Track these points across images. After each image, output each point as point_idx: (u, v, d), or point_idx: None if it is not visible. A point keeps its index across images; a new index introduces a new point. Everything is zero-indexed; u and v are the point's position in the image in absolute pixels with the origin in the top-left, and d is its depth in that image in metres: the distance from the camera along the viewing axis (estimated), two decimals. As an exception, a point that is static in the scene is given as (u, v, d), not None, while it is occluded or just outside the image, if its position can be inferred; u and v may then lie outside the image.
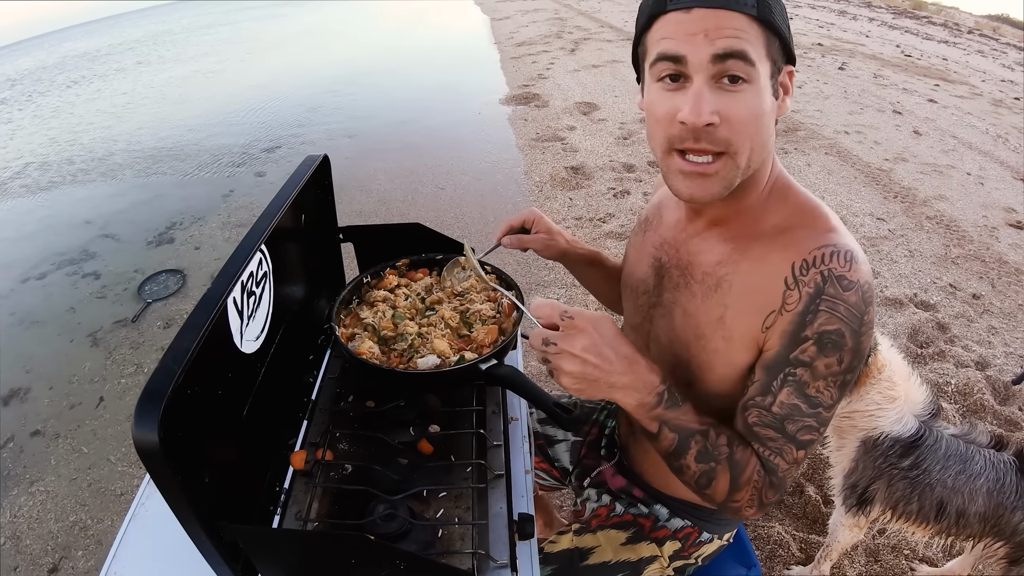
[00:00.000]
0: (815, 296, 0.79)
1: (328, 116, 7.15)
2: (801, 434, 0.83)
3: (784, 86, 0.84)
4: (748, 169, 0.84)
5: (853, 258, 0.80)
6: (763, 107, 0.79)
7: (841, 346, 0.79)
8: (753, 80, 0.77)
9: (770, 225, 0.88)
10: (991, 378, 2.83)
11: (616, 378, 0.80)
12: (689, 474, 0.86)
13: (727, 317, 0.89)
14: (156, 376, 0.67)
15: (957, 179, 5.00)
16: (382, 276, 1.32)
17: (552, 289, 3.57)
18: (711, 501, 0.88)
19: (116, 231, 4.68)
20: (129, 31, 15.25)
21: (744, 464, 0.84)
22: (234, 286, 0.85)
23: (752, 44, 0.76)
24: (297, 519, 0.95)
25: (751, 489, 0.84)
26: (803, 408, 0.82)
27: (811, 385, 0.81)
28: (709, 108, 0.77)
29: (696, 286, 0.94)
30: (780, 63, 0.81)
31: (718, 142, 0.79)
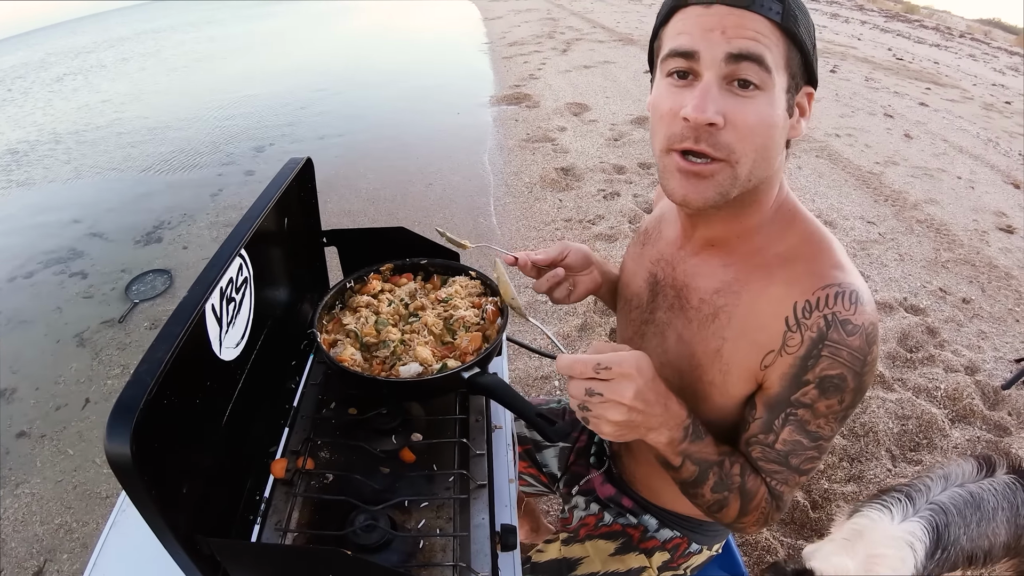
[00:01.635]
0: (817, 341, 0.78)
1: (318, 114, 7.12)
2: (804, 464, 0.85)
3: (801, 107, 0.81)
4: (748, 182, 0.79)
5: (858, 299, 0.77)
6: (773, 118, 0.76)
7: (843, 388, 0.79)
8: (767, 88, 0.74)
9: (773, 253, 0.85)
10: (981, 383, 2.83)
11: (655, 420, 0.79)
12: (703, 501, 0.88)
13: (724, 350, 0.87)
14: (129, 388, 0.66)
15: (948, 183, 5.02)
16: (366, 281, 1.31)
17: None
18: (721, 521, 0.91)
19: (104, 230, 4.64)
20: (116, 30, 15.16)
21: (755, 492, 0.87)
22: (211, 293, 0.83)
23: (771, 50, 0.73)
24: (277, 529, 0.94)
25: (759, 513, 0.88)
26: (805, 443, 0.84)
27: (812, 423, 0.82)
28: (715, 107, 0.73)
29: (692, 312, 0.92)
30: (800, 80, 0.78)
31: (719, 147, 0.76)
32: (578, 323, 3.21)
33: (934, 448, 2.48)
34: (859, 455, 2.45)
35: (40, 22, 16.81)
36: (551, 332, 0.94)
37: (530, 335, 3.19)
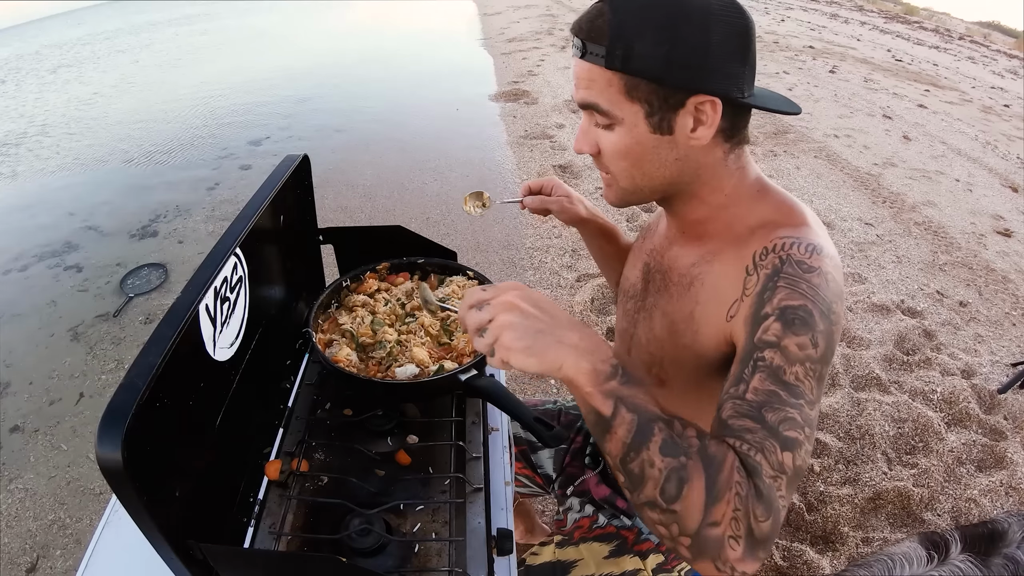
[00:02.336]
0: (772, 275, 0.78)
1: (316, 109, 7.08)
2: (784, 428, 0.68)
3: (701, 113, 0.82)
4: (640, 191, 0.91)
5: (816, 250, 0.78)
6: (629, 146, 0.85)
7: (811, 325, 0.73)
8: (615, 121, 0.84)
9: (744, 225, 0.89)
10: (977, 387, 2.83)
11: (563, 332, 0.71)
12: (654, 476, 0.66)
13: (696, 312, 0.90)
14: (120, 393, 0.65)
15: (946, 185, 5.02)
16: (362, 280, 1.30)
17: (537, 289, 3.53)
18: (682, 528, 0.65)
19: (99, 223, 4.61)
20: (110, 22, 15.06)
21: (721, 460, 0.66)
22: (205, 294, 0.83)
23: (604, 94, 0.82)
24: (271, 532, 0.93)
25: (733, 500, 0.64)
26: (782, 395, 0.70)
27: (787, 371, 0.71)
28: (584, 140, 0.90)
29: (673, 288, 0.96)
30: (669, 100, 0.81)
31: (603, 167, 0.92)
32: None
33: (930, 451, 2.48)
34: (855, 458, 2.44)
35: (35, 14, 16.72)
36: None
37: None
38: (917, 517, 2.23)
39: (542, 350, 0.70)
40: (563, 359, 0.70)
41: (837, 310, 0.76)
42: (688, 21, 0.77)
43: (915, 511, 2.24)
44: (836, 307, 0.76)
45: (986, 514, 2.24)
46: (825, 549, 2.13)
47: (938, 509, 2.26)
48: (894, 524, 2.23)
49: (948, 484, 2.36)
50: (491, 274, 3.63)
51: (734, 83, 0.81)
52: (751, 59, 0.83)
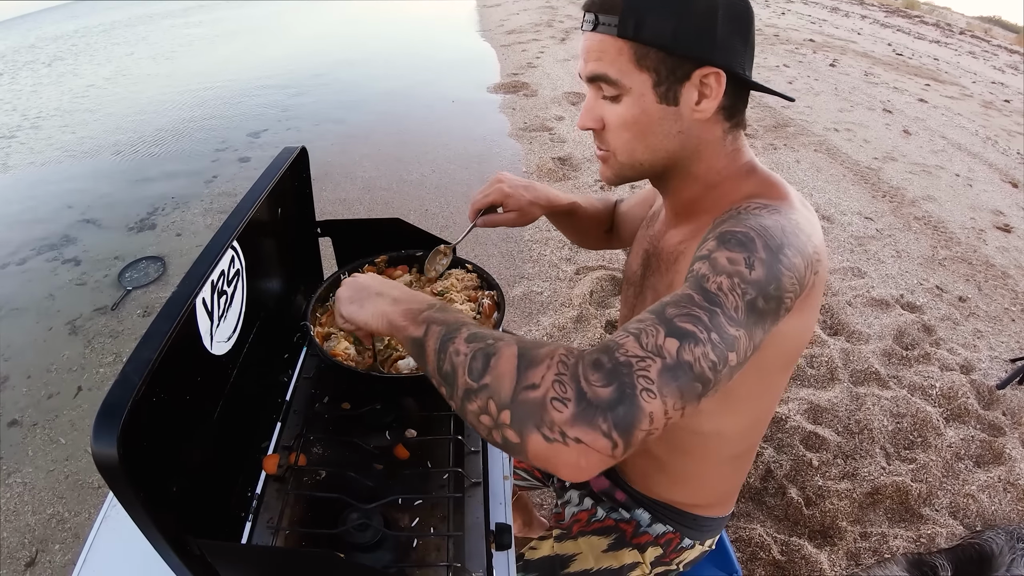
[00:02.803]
0: (722, 219, 0.79)
1: (315, 101, 7.06)
2: (680, 320, 0.61)
3: (705, 87, 0.84)
4: (639, 166, 0.92)
5: (775, 209, 0.79)
6: (637, 117, 0.86)
7: (750, 248, 0.68)
8: (625, 93, 0.85)
9: (730, 202, 0.88)
10: (976, 382, 2.83)
11: (384, 289, 0.85)
12: (460, 362, 0.63)
13: (675, 282, 0.93)
14: (115, 388, 0.64)
15: (946, 180, 5.02)
16: (360, 272, 1.29)
17: (535, 282, 3.55)
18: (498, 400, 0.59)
19: (97, 216, 4.60)
20: (107, 15, 15.00)
21: (540, 344, 0.62)
22: (202, 287, 0.82)
23: (615, 63, 0.84)
24: (268, 527, 0.92)
25: (556, 365, 0.58)
26: (695, 298, 0.63)
27: (710, 279, 0.65)
28: (589, 116, 0.91)
29: (664, 265, 0.99)
30: (676, 71, 0.83)
31: (603, 143, 0.93)
32: (574, 315, 3.20)
33: (928, 446, 2.48)
34: (853, 452, 2.45)
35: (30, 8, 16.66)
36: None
37: (524, 327, 3.18)
38: (915, 512, 2.23)
39: (360, 301, 0.85)
40: (383, 309, 0.81)
41: (794, 260, 0.70)
42: (694, 3, 0.80)
43: (913, 506, 2.24)
44: (793, 256, 0.70)
45: (984, 510, 2.25)
46: (823, 544, 2.13)
47: (936, 504, 2.26)
48: (892, 519, 2.23)
49: (946, 479, 2.36)
50: (490, 267, 3.63)
51: (737, 60, 0.84)
52: (751, 42, 0.86)
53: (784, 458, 2.39)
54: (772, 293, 0.67)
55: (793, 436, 2.48)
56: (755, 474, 2.34)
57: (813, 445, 2.46)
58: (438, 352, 0.66)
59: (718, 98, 0.84)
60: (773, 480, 2.32)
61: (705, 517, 1.19)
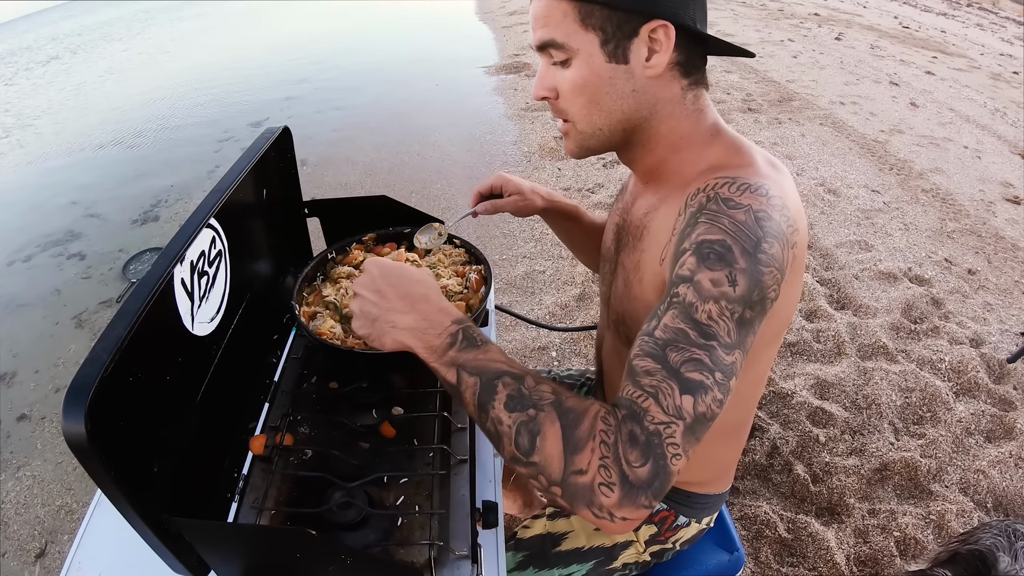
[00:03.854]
0: (696, 212, 0.75)
1: (316, 88, 7.05)
2: (686, 369, 0.64)
3: (654, 42, 0.81)
4: (598, 132, 0.90)
5: (749, 188, 0.75)
6: (587, 79, 0.84)
7: (728, 260, 0.68)
8: (574, 56, 0.83)
9: (694, 171, 0.87)
10: (986, 356, 2.79)
11: (396, 316, 0.78)
12: (505, 432, 0.66)
13: (642, 261, 0.90)
14: (84, 366, 0.64)
15: (954, 152, 4.94)
16: (348, 251, 1.28)
17: (538, 261, 3.53)
18: (549, 479, 0.63)
19: (101, 210, 4.62)
20: (107, 11, 15.03)
21: (580, 411, 0.64)
22: (176, 266, 0.81)
23: (560, 26, 0.82)
24: (253, 507, 0.92)
25: (599, 448, 0.61)
26: (690, 335, 0.66)
27: (699, 308, 0.67)
28: (542, 85, 0.89)
29: (631, 240, 0.95)
30: (623, 27, 0.80)
31: (560, 112, 0.91)
32: (576, 292, 3.19)
33: (938, 421, 2.45)
34: (861, 428, 2.42)
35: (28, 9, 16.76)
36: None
37: (526, 306, 3.17)
38: (924, 488, 2.20)
39: (379, 336, 0.79)
40: (400, 341, 0.77)
41: (772, 251, 0.70)
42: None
43: (922, 482, 2.22)
44: (770, 247, 0.70)
45: (995, 486, 2.21)
46: (831, 521, 2.11)
47: (946, 480, 2.24)
48: (901, 495, 2.21)
49: (956, 455, 2.33)
50: (492, 248, 3.63)
51: (687, 12, 0.82)
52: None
53: (790, 434, 2.37)
54: (756, 299, 0.69)
55: (799, 412, 2.45)
56: (760, 451, 2.32)
57: (820, 421, 2.44)
58: (478, 409, 0.69)
59: (668, 52, 0.82)
60: (779, 456, 2.30)
61: (699, 494, 1.17)
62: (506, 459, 0.68)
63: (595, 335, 1.42)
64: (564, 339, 2.94)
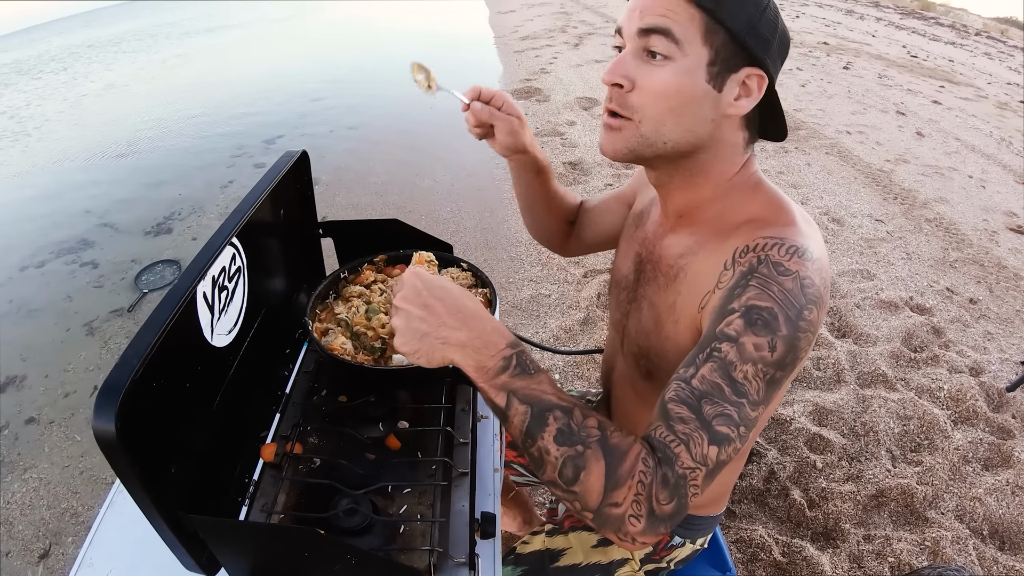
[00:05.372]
0: (747, 274, 0.78)
1: (329, 107, 7.14)
2: (717, 423, 0.70)
3: (746, 87, 0.84)
4: (660, 144, 0.86)
5: (797, 252, 0.78)
6: (681, 87, 0.82)
7: (773, 328, 0.73)
8: (676, 58, 0.81)
9: (733, 220, 0.89)
10: (985, 384, 2.82)
11: (448, 332, 0.75)
12: (551, 462, 0.70)
13: (678, 303, 0.90)
14: (116, 369, 0.69)
15: (958, 182, 4.99)
16: (359, 271, 1.33)
17: (544, 285, 3.58)
18: (584, 506, 0.69)
19: (115, 220, 4.69)
20: (124, 24, 15.25)
21: (624, 451, 0.68)
22: (200, 281, 0.86)
23: (682, 26, 0.79)
24: (263, 511, 0.96)
25: (636, 486, 0.67)
26: (725, 391, 0.71)
27: (738, 367, 0.72)
28: (621, 71, 0.84)
29: (661, 278, 0.96)
30: (731, 59, 0.82)
31: (626, 106, 0.85)
32: (580, 316, 3.23)
33: (935, 449, 2.47)
34: (859, 454, 2.44)
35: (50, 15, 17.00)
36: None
37: (531, 329, 3.21)
38: (920, 515, 2.23)
39: (428, 352, 0.75)
40: (451, 358, 0.75)
41: (810, 317, 0.75)
42: (768, 5, 0.82)
43: (918, 509, 2.24)
44: (809, 314, 0.75)
45: (991, 514, 2.23)
46: (825, 546, 2.13)
47: (942, 507, 2.26)
48: (897, 522, 2.23)
49: (953, 482, 2.35)
50: (498, 271, 3.68)
51: (777, 73, 0.86)
52: (780, 69, 0.87)
53: (788, 460, 2.39)
54: (788, 361, 0.74)
55: (797, 438, 2.48)
56: (758, 475, 2.34)
57: (817, 447, 2.46)
58: (525, 436, 0.71)
59: (755, 101, 0.84)
60: (776, 481, 2.32)
61: (696, 516, 1.21)
62: (543, 481, 0.72)
63: (601, 359, 1.43)
64: (567, 362, 2.97)
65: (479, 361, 0.73)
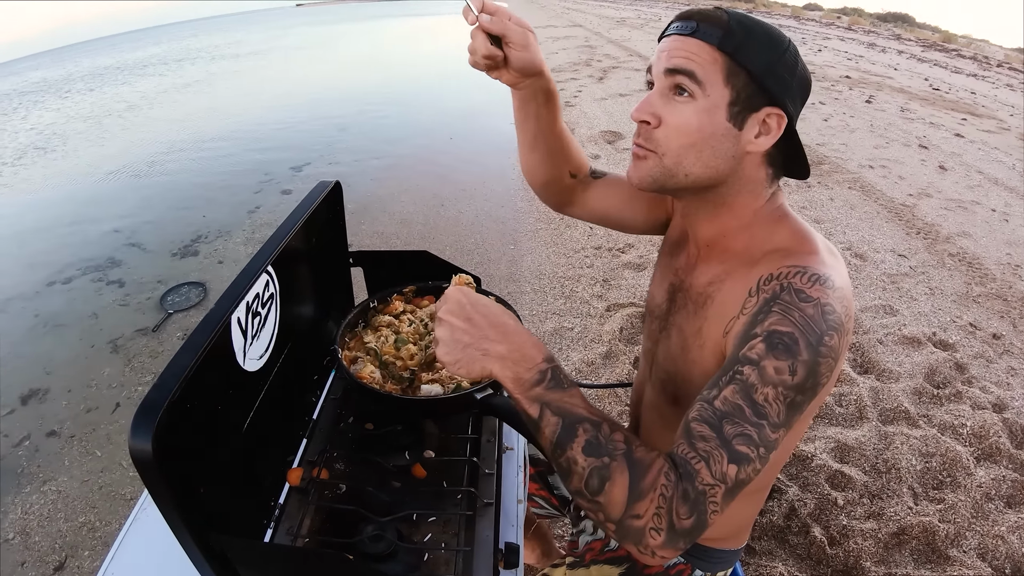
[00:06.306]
0: (770, 300, 0.80)
1: (357, 135, 7.27)
2: (737, 442, 0.72)
3: (766, 125, 0.87)
4: (684, 176, 0.90)
5: (819, 280, 0.80)
6: (702, 125, 0.86)
7: (794, 352, 0.75)
8: (698, 98, 0.86)
9: (760, 249, 0.91)
10: (1008, 421, 2.77)
11: (489, 344, 0.78)
12: (578, 472, 0.73)
13: (704, 328, 0.93)
14: (153, 391, 0.71)
15: (981, 215, 4.95)
16: (389, 301, 1.35)
17: (567, 318, 3.58)
18: (607, 516, 0.72)
19: (142, 240, 4.79)
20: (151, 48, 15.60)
21: (648, 464, 0.71)
22: (237, 306, 0.88)
23: (704, 68, 0.85)
24: (288, 534, 0.97)
25: (657, 499, 0.70)
26: (746, 412, 0.74)
27: (759, 390, 0.75)
28: (648, 109, 0.89)
29: (691, 305, 0.98)
30: (752, 99, 0.85)
31: (651, 141, 0.90)
32: (603, 350, 3.23)
33: (957, 486, 2.43)
34: (880, 492, 2.41)
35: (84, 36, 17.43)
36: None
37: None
38: (942, 553, 2.19)
39: (468, 363, 0.79)
40: (490, 369, 0.78)
41: (831, 343, 0.77)
42: (786, 49, 0.86)
43: (940, 547, 2.20)
44: (830, 340, 0.77)
45: (1013, 552, 2.18)
46: (846, 584, 2.10)
47: (964, 546, 2.22)
48: (918, 560, 2.19)
49: (975, 520, 2.31)
50: (522, 304, 3.70)
51: (797, 114, 0.89)
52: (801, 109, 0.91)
53: (809, 496, 2.37)
54: (809, 386, 0.76)
55: (819, 475, 2.45)
56: (778, 512, 2.32)
57: (839, 484, 2.43)
58: (554, 446, 0.74)
59: (775, 139, 0.87)
60: (797, 518, 2.29)
61: (717, 550, 1.20)
62: (570, 491, 0.75)
63: (623, 395, 1.44)
64: (590, 395, 2.95)
65: (517, 373, 0.77)
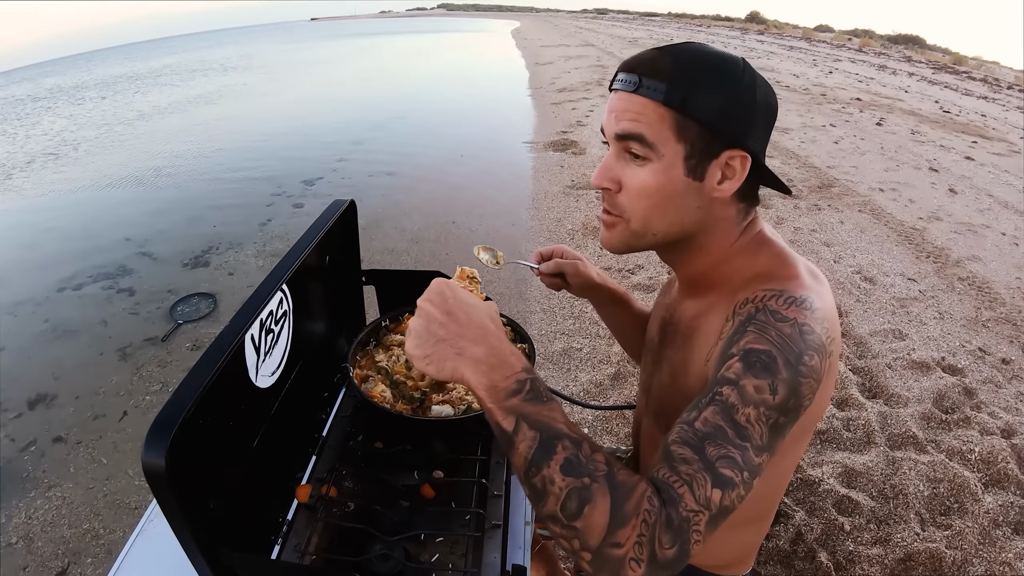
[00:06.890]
0: (745, 322, 0.78)
1: (369, 151, 7.34)
2: (721, 465, 0.68)
3: (730, 168, 0.85)
4: (652, 235, 0.91)
5: (796, 302, 0.79)
6: (661, 186, 0.85)
7: (773, 370, 0.72)
8: (653, 159, 0.84)
9: (741, 278, 0.90)
10: (1017, 447, 2.75)
11: (465, 344, 0.73)
12: (554, 493, 0.66)
13: (688, 360, 0.92)
14: (168, 407, 0.71)
15: (991, 239, 4.94)
16: (400, 321, 1.36)
17: (575, 338, 3.59)
18: (583, 544, 0.65)
19: (154, 250, 4.83)
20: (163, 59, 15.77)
21: (630, 488, 0.65)
22: (252, 324, 0.89)
23: (653, 128, 0.83)
24: (296, 551, 0.97)
25: (640, 526, 0.64)
26: (729, 433, 0.69)
27: (740, 410, 0.71)
28: (606, 175, 0.88)
29: (679, 339, 0.97)
30: (709, 148, 0.83)
31: (615, 206, 0.90)
32: (611, 371, 3.23)
33: (965, 513, 2.41)
34: (887, 517, 2.39)
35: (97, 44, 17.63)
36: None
37: (561, 382, 3.21)
38: (949, 581, 2.17)
39: (438, 360, 0.73)
40: (461, 371, 0.72)
41: (811, 363, 0.74)
42: (740, 81, 0.83)
43: (947, 574, 2.18)
44: (810, 359, 0.75)
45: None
46: (853, 610, 2.08)
47: (971, 572, 2.19)
48: (925, 587, 2.17)
49: (983, 547, 2.29)
50: (531, 322, 3.70)
51: (762, 148, 0.87)
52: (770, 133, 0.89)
53: (815, 521, 2.35)
54: (791, 406, 0.73)
55: (825, 500, 2.44)
56: (784, 537, 2.30)
57: (846, 509, 2.42)
58: (529, 464, 0.68)
59: (740, 181, 0.86)
60: (803, 544, 2.28)
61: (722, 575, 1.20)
62: (542, 516, 0.68)
63: (631, 417, 1.44)
64: (597, 416, 2.96)
65: (492, 380, 0.71)
